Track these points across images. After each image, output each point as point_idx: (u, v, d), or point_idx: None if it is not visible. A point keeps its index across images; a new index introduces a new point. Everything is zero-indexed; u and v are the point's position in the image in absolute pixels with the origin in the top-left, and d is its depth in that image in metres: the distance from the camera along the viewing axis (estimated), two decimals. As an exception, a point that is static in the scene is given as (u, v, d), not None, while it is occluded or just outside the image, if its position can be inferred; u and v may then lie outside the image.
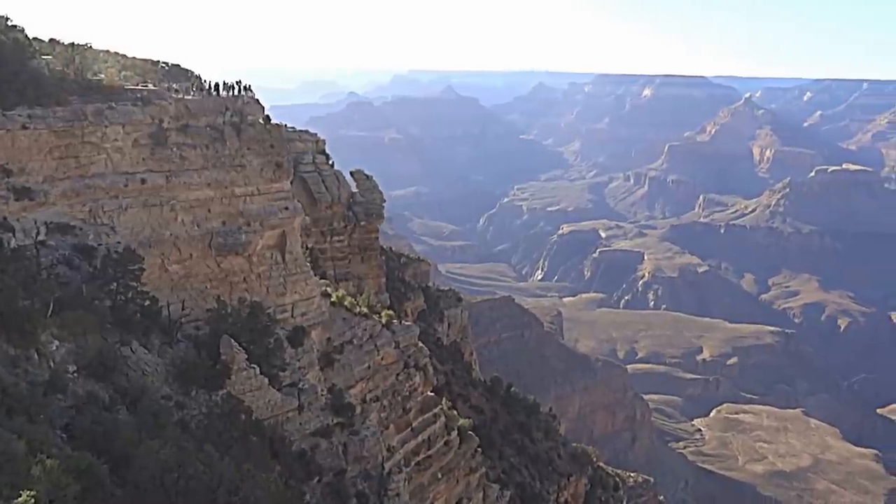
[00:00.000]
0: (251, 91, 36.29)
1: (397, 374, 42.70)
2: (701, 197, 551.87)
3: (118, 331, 25.87)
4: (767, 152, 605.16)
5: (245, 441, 24.79)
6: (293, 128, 66.19)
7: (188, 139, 32.10)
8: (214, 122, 33.28)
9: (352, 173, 73.86)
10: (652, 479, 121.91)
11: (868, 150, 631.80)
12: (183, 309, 31.32)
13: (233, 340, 29.14)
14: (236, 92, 35.53)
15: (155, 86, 33.95)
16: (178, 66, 40.13)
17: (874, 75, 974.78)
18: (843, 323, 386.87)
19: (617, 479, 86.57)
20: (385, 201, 73.48)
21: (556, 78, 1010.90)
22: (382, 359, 41.31)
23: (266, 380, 30.10)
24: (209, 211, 32.44)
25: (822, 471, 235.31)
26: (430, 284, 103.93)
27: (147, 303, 28.41)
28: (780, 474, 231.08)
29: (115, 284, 27.45)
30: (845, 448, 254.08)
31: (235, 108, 34.23)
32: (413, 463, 43.02)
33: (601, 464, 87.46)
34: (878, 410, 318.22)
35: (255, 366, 29.64)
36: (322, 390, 34.70)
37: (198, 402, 26.36)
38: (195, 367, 27.16)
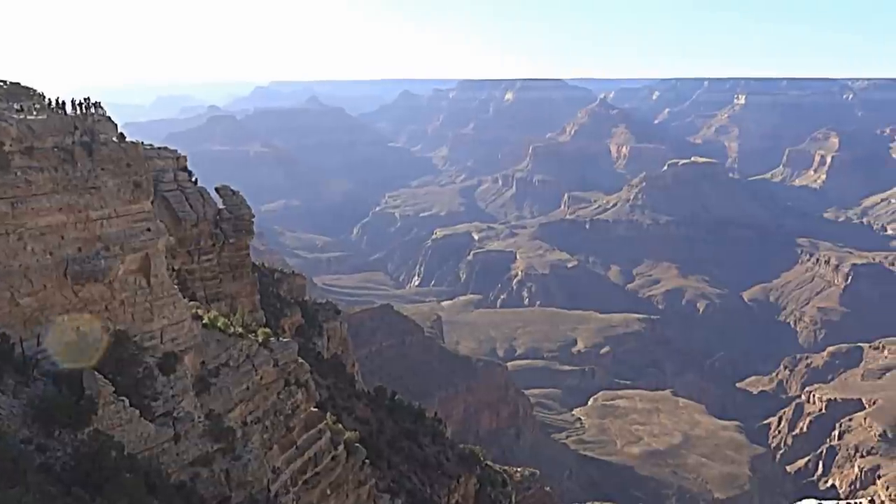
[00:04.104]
0: (102, 108, 34.18)
1: (278, 393, 41.57)
2: (565, 195, 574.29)
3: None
4: (623, 149, 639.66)
5: (117, 479, 23.37)
6: (151, 145, 63.11)
7: (34, 162, 29.81)
8: (62, 143, 31.12)
9: (217, 189, 71.11)
10: (538, 472, 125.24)
11: (712, 143, 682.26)
12: (38, 344, 29.18)
13: (97, 373, 27.43)
14: (85, 110, 33.43)
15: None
16: (19, 84, 37.32)
17: (713, 74, 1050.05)
18: (701, 306, 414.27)
19: (505, 474, 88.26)
20: (254, 216, 71.31)
21: (419, 85, 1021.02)
22: (261, 378, 40.07)
23: (136, 412, 28.51)
24: (62, 238, 30.30)
25: (693, 446, 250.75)
26: (307, 298, 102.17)
27: (-3, 341, 26.28)
28: (656, 453, 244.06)
29: (-43, 324, 25.26)
30: (711, 422, 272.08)
31: (85, 127, 32.14)
32: (300, 482, 42.06)
33: (489, 462, 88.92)
34: (738, 384, 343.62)
35: (123, 398, 27.98)
36: (199, 417, 33.26)
37: (62, 442, 24.63)
38: (57, 405, 25.34)
